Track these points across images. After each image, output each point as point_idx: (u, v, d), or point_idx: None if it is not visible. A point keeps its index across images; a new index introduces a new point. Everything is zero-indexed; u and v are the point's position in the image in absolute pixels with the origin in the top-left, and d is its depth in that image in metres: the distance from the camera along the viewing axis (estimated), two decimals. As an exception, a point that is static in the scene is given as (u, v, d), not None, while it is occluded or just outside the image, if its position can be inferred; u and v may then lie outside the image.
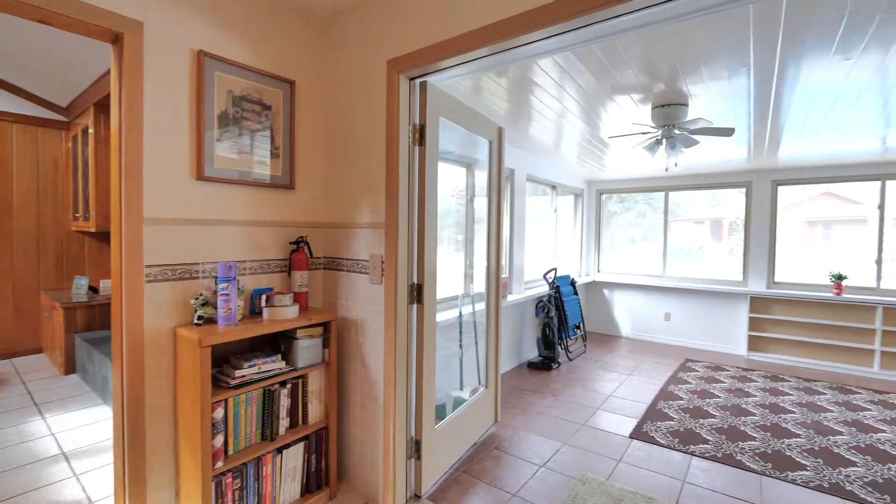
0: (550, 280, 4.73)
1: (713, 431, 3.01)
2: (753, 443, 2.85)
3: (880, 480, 2.42)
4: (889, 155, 4.16)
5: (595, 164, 5.15)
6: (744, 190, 5.22)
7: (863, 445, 2.83)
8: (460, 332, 3.34)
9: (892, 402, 3.64)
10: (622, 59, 2.23)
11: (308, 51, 2.23)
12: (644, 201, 6.20)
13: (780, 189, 5.02)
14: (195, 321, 1.77)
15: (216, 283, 1.83)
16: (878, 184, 4.56)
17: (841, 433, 3.01)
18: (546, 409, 3.41)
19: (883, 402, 3.64)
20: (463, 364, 3.26)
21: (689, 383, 4.03)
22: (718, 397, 3.67)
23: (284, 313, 1.95)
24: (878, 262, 4.53)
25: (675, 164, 3.71)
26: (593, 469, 2.53)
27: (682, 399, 3.62)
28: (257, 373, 1.84)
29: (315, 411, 2.10)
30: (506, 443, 2.85)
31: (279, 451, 1.95)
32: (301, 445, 2.05)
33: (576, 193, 6.13)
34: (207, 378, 1.64)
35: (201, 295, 1.78)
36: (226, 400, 1.75)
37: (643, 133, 2.98)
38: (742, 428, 3.07)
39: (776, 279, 5.03)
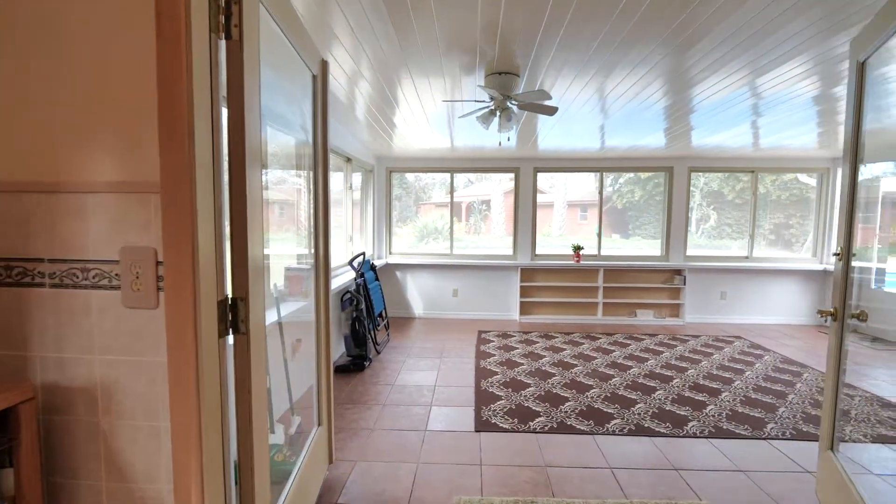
0: (357, 267, 4.10)
1: (538, 401, 3.14)
2: (570, 403, 3.10)
3: (657, 411, 2.99)
4: (605, 153, 5.39)
5: (386, 138, 4.75)
6: (513, 175, 5.88)
7: (630, 383, 3.50)
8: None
9: (621, 341, 4.78)
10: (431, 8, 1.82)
11: None
12: (399, 184, 6.23)
13: (539, 175, 5.89)
14: None
15: None
16: (597, 174, 5.89)
17: (613, 376, 3.66)
18: (378, 424, 2.84)
19: (616, 342, 4.72)
20: (272, 395, 2.32)
21: (494, 355, 4.22)
22: (522, 364, 3.95)
23: None
24: (599, 234, 5.90)
25: (508, 139, 3.70)
26: (464, 487, 2.15)
27: (497, 374, 3.71)
28: None
29: None
30: (352, 488, 2.15)
31: None
32: None
33: (367, 169, 5.61)
34: None
35: None
36: None
37: (477, 101, 2.71)
38: (555, 391, 3.33)
39: (537, 252, 5.93)
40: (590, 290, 5.78)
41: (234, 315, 1.16)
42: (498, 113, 2.71)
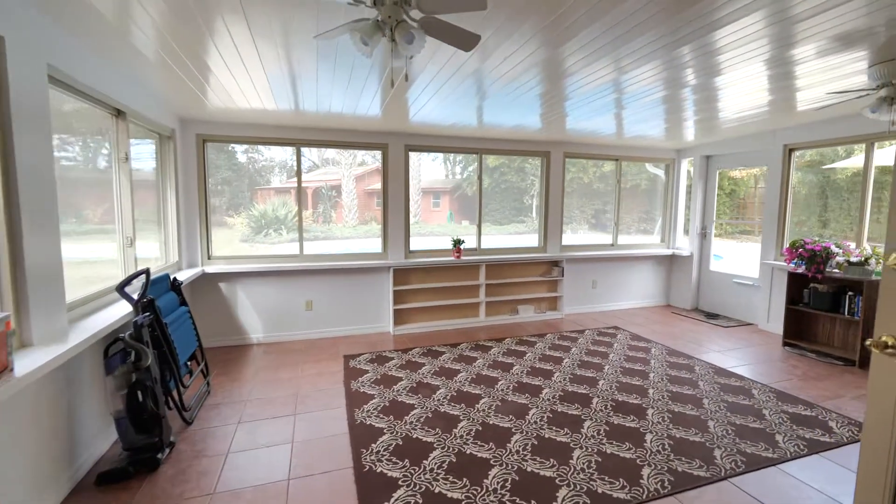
0: (138, 297, 2.44)
1: (453, 478, 2.15)
2: (497, 471, 2.20)
3: (599, 458, 2.31)
4: (485, 131, 4.66)
5: (194, 90, 3.11)
6: (380, 152, 4.73)
7: (550, 415, 2.80)
8: None
9: (513, 348, 4.15)
10: None
11: None
12: (227, 164, 4.68)
13: (411, 155, 4.86)
14: None
15: None
16: (476, 156, 5.16)
17: (528, 407, 2.92)
18: None
19: (509, 351, 4.07)
20: None
21: (373, 396, 3.09)
22: (414, 406, 2.92)
23: None
24: (479, 225, 5.20)
25: (406, 78, 2.41)
26: None
27: (383, 431, 2.60)
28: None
29: None
30: None
31: None
32: None
33: (163, 135, 3.73)
34: None
35: None
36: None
37: (352, 2, 1.50)
38: (469, 450, 2.39)
39: (411, 248, 4.93)
40: (471, 289, 5.08)
41: None
42: (388, 30, 1.56)
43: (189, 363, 3.07)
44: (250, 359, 3.95)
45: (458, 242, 4.91)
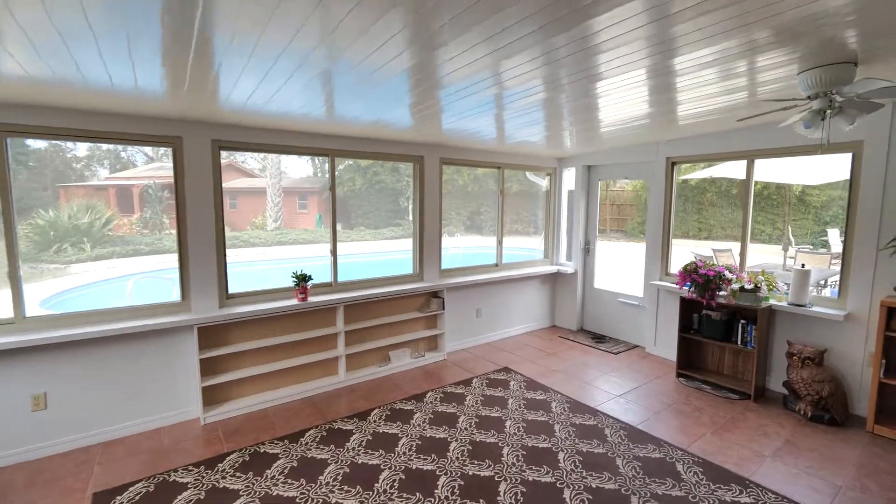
0: None
1: None
2: None
3: None
4: (339, 127, 3.40)
5: None
6: (171, 148, 3.09)
7: None
8: None
9: (383, 431, 2.98)
10: None
11: None
12: (17, 157, 3.00)
13: (224, 154, 3.32)
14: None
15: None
16: (326, 159, 3.83)
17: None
18: None
19: (377, 438, 2.90)
20: None
21: None
22: None
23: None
24: (334, 251, 3.89)
25: None
26: None
27: None
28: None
29: None
30: None
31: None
32: None
33: None
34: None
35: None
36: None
37: None
38: None
39: (230, 290, 3.40)
40: (326, 340, 3.77)
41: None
42: None
43: None
44: None
45: (302, 279, 3.54)
